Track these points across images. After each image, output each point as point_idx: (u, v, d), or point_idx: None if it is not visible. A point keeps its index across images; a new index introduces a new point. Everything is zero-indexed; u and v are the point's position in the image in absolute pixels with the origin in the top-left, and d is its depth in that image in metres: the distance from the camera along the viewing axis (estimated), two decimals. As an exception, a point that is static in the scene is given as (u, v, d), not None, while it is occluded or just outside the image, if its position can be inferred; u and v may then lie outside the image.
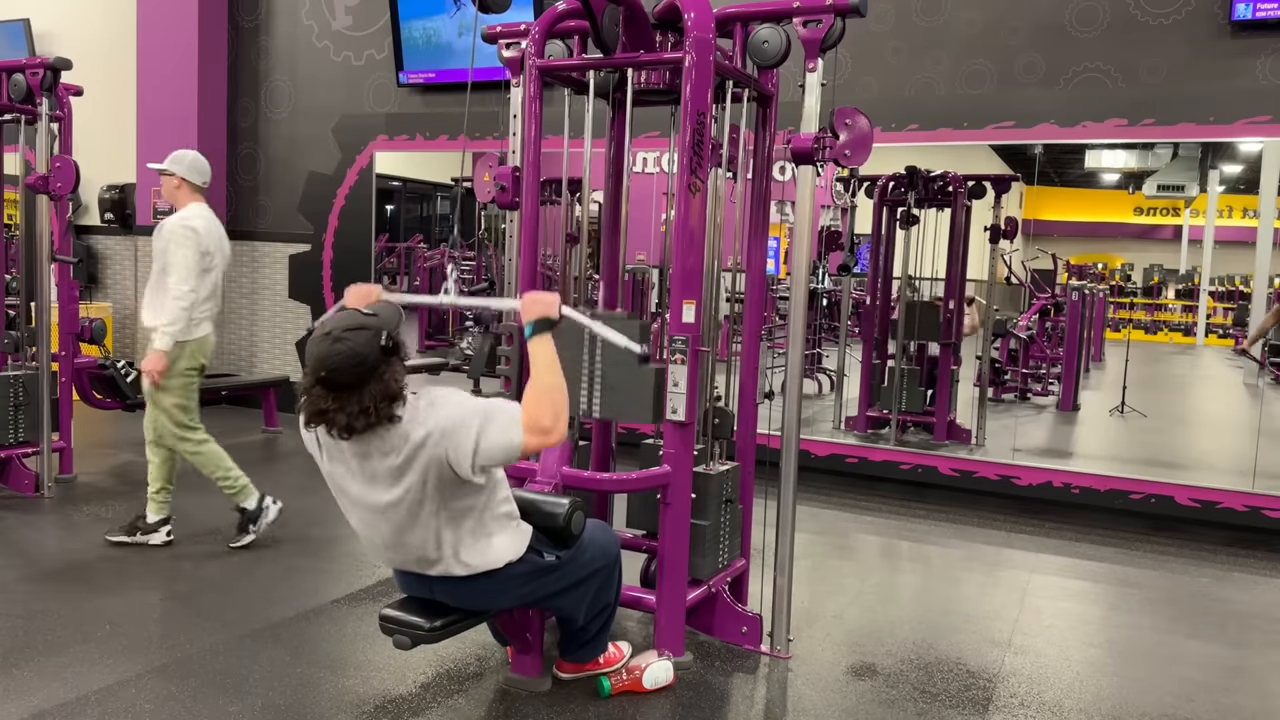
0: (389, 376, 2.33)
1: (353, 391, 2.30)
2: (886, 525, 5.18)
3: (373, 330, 2.32)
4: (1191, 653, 3.58)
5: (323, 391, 2.31)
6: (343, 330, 2.31)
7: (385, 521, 2.53)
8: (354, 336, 2.30)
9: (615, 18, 3.08)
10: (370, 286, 2.78)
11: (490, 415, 2.42)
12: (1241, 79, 5.01)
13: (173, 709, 2.81)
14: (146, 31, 7.77)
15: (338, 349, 2.28)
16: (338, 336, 2.30)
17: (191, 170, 4.38)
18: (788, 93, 3.39)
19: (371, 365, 2.30)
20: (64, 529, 4.59)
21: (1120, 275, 8.12)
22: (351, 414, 2.30)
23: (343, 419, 2.31)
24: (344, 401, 2.30)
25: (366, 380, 2.30)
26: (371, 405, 2.31)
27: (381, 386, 2.32)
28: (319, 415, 2.34)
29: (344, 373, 2.28)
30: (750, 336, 3.47)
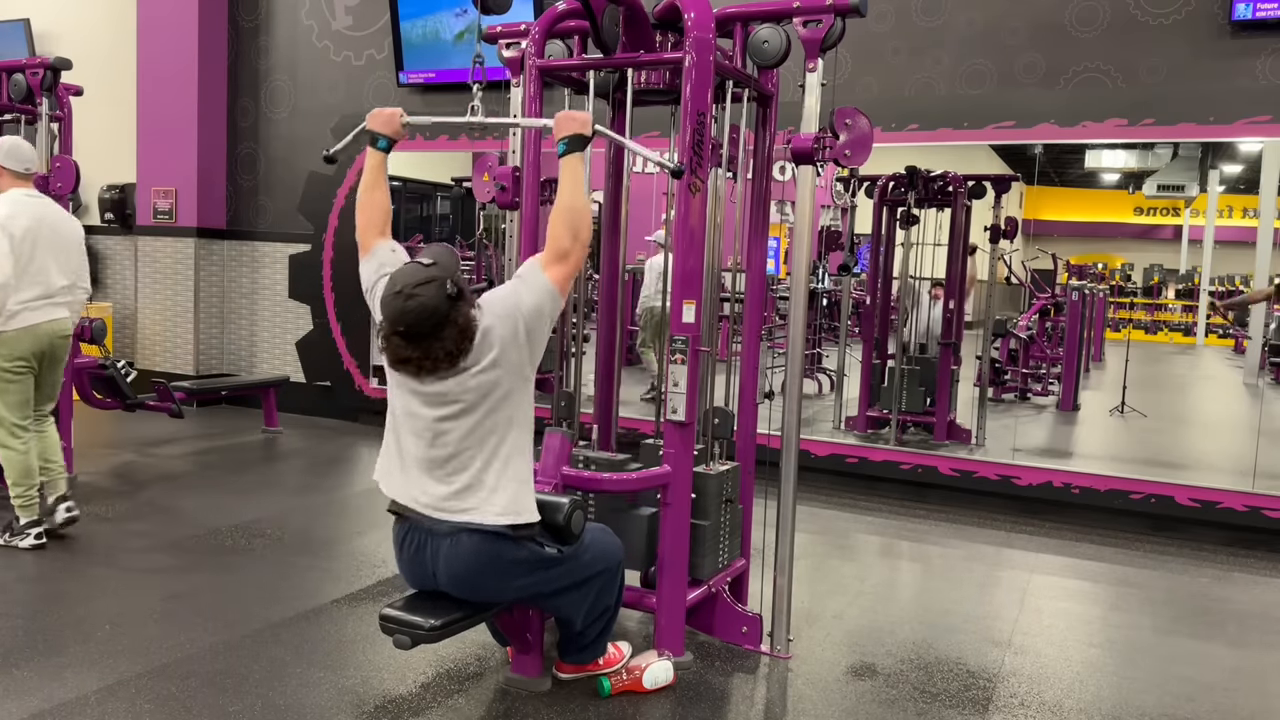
0: (461, 320, 2.48)
1: (431, 339, 2.45)
2: (886, 525, 5.18)
3: (438, 281, 2.45)
4: (1191, 653, 3.58)
5: (402, 342, 2.47)
6: (412, 287, 2.44)
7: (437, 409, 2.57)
8: (423, 291, 2.43)
9: (615, 18, 3.08)
10: (392, 109, 2.91)
11: (520, 276, 2.67)
12: (1241, 79, 5.01)
13: (173, 709, 2.81)
14: (146, 31, 7.77)
15: (410, 305, 2.43)
16: (409, 294, 2.43)
17: (9, 157, 4.19)
18: (788, 93, 3.39)
19: (444, 314, 2.44)
20: (64, 529, 4.58)
21: (1120, 275, 8.13)
22: (436, 358, 2.47)
23: (428, 364, 2.48)
24: (426, 348, 2.46)
25: (442, 328, 2.45)
26: (453, 346, 2.47)
27: (456, 330, 2.47)
28: (403, 363, 2.51)
29: (421, 326, 2.44)
30: (750, 336, 3.48)
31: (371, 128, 2.91)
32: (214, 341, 8.00)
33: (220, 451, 6.40)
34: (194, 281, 7.83)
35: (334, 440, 6.89)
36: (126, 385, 5.94)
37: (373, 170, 2.91)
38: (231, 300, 8.00)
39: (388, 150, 2.92)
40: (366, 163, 2.92)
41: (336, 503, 5.40)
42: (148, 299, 8.05)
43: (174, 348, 7.97)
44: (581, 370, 3.57)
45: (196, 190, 7.73)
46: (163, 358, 8.00)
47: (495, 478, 2.61)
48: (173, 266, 7.89)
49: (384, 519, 2.82)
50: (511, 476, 2.63)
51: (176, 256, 7.87)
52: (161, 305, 7.98)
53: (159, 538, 4.43)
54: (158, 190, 7.84)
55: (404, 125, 2.91)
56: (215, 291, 7.97)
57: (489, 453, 2.61)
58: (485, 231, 7.47)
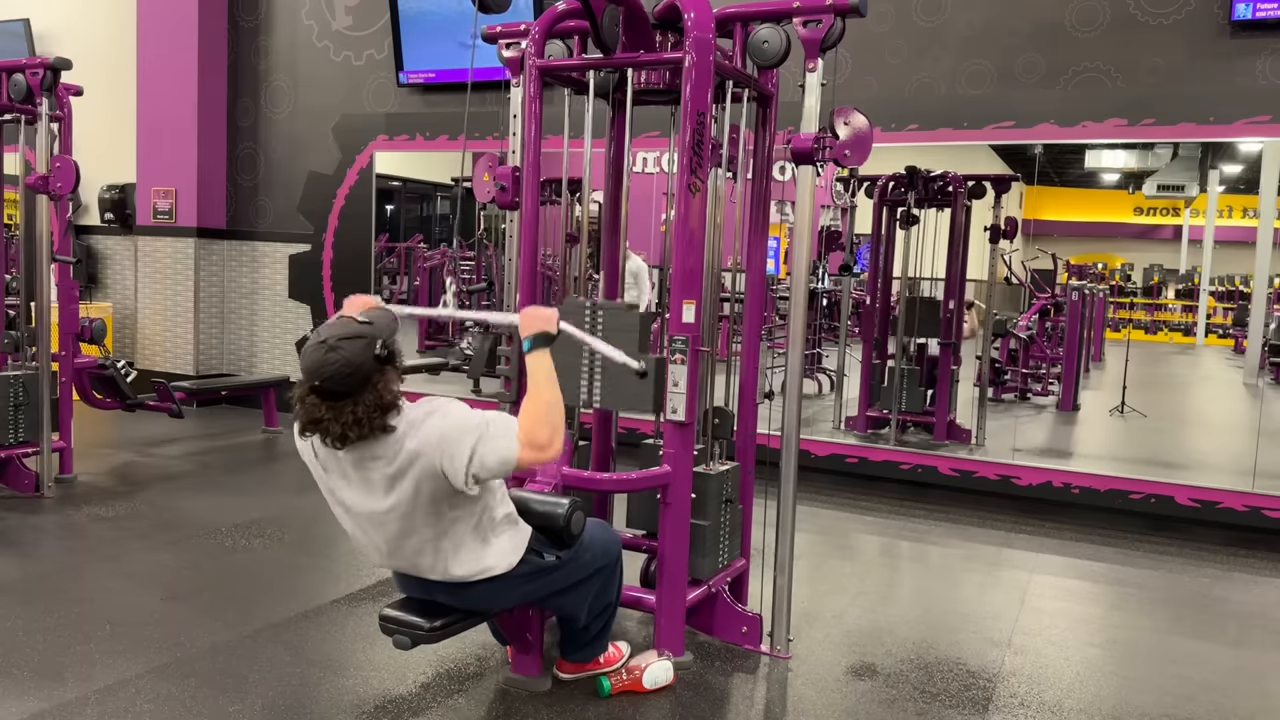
0: (383, 386, 2.32)
1: (347, 400, 2.28)
2: (886, 525, 5.18)
3: (367, 339, 2.30)
4: (1191, 653, 3.58)
5: (317, 400, 2.30)
6: (337, 339, 2.29)
7: (381, 529, 2.51)
8: (348, 345, 2.28)
9: (615, 18, 3.08)
10: (368, 298, 2.78)
11: (486, 428, 2.40)
12: (1241, 79, 5.01)
13: (173, 709, 2.81)
14: (147, 31, 7.77)
15: (332, 358, 2.26)
16: (332, 345, 2.28)
17: None
18: (788, 93, 3.39)
19: (365, 374, 2.28)
20: (64, 529, 4.59)
21: (1120, 275, 8.13)
22: (346, 423, 2.29)
23: (337, 428, 2.30)
24: (338, 411, 2.29)
25: (361, 389, 2.28)
26: (365, 415, 2.29)
27: (375, 396, 2.30)
28: (313, 424, 2.33)
29: (338, 381, 2.27)
30: (750, 336, 3.47)
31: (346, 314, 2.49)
32: (214, 341, 8.00)
33: (220, 451, 6.40)
34: (194, 281, 7.83)
35: (334, 440, 6.88)
36: (126, 385, 5.94)
37: None
38: (231, 300, 8.00)
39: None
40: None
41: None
42: (148, 299, 8.05)
43: (174, 348, 7.97)
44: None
45: (196, 190, 7.72)
46: (163, 358, 8.00)
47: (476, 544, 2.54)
48: (173, 266, 7.89)
49: (384, 519, 2.81)
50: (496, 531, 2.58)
51: (176, 256, 7.86)
52: (161, 305, 7.98)
53: (159, 538, 4.43)
54: (158, 190, 7.84)
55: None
56: (215, 291, 7.97)
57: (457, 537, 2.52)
58: (485, 231, 7.47)
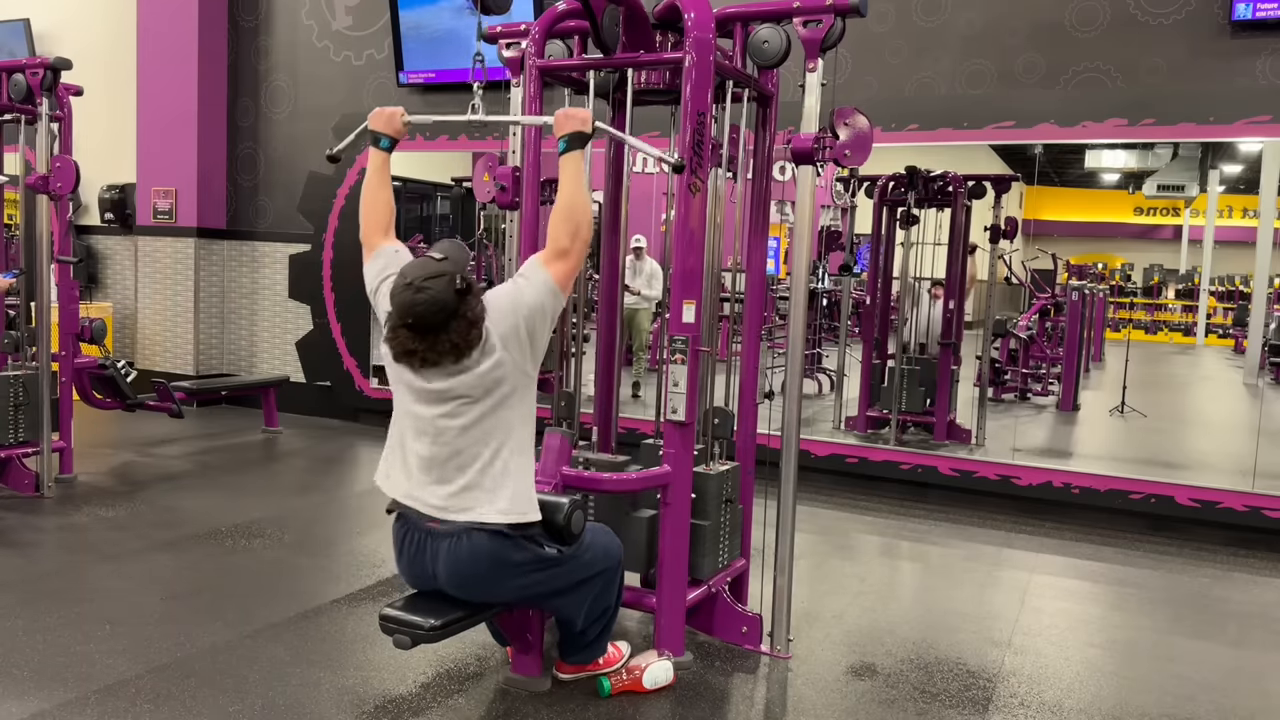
0: (469, 314, 2.49)
1: (439, 332, 2.47)
2: (886, 525, 5.18)
3: (448, 275, 2.47)
4: (1191, 653, 3.58)
5: (409, 334, 2.49)
6: (422, 280, 2.46)
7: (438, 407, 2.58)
8: (433, 284, 2.45)
9: (615, 18, 3.08)
10: (394, 109, 2.91)
11: (521, 274, 2.68)
12: (1241, 79, 5.01)
13: (173, 709, 2.81)
14: (147, 31, 7.77)
15: (420, 298, 2.44)
16: (419, 286, 2.45)
17: None
18: (788, 93, 3.39)
19: (452, 308, 2.46)
20: (64, 529, 4.59)
21: (1120, 275, 8.13)
22: (441, 351, 2.48)
23: (433, 356, 2.49)
24: (432, 341, 2.48)
25: (450, 321, 2.47)
26: (460, 340, 2.49)
27: (464, 324, 2.48)
28: (407, 355, 2.51)
29: (429, 318, 2.45)
30: (750, 336, 3.47)
31: (373, 127, 2.91)
32: (214, 341, 8.00)
33: (220, 451, 6.40)
34: (194, 281, 7.83)
35: (334, 440, 6.89)
36: (126, 385, 5.94)
37: (376, 170, 2.91)
38: (231, 300, 8.00)
39: (390, 150, 2.91)
40: (369, 163, 2.91)
41: (336, 503, 5.41)
42: (148, 299, 8.05)
43: (174, 348, 7.97)
44: (581, 370, 3.57)
45: (196, 190, 7.73)
46: (163, 358, 8.00)
47: (497, 477, 2.60)
48: (173, 266, 7.89)
49: (384, 519, 2.82)
50: (513, 476, 2.62)
51: (176, 256, 7.87)
52: (161, 305, 7.98)
53: (159, 538, 4.43)
54: (158, 190, 7.84)
55: (405, 124, 2.90)
56: (215, 291, 7.97)
57: (491, 452, 2.60)
58: (485, 231, 7.47)
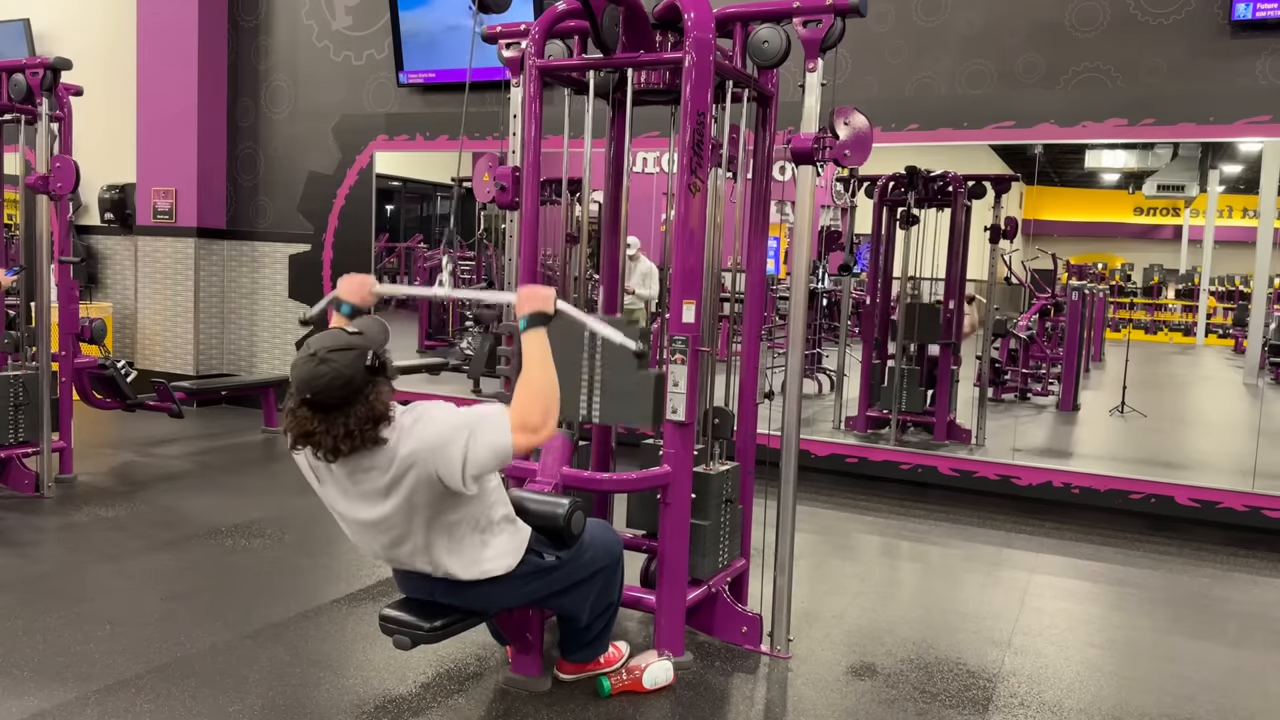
0: (374, 398, 2.30)
1: (338, 413, 2.26)
2: (886, 525, 5.18)
3: (358, 350, 2.28)
4: (1191, 653, 3.58)
5: (308, 413, 2.28)
6: (328, 351, 2.27)
7: (380, 536, 2.52)
8: (339, 358, 2.25)
9: (615, 18, 3.08)
10: (363, 277, 2.80)
11: (477, 423, 2.38)
12: (1241, 79, 5.01)
13: (173, 709, 2.81)
14: (146, 31, 7.77)
15: (322, 370, 2.24)
16: (323, 358, 2.25)
17: None
18: (788, 93, 3.39)
19: (357, 387, 2.26)
20: (64, 529, 4.59)
21: (1120, 275, 8.13)
22: (337, 436, 2.27)
23: (329, 441, 2.28)
24: (329, 424, 2.27)
25: (352, 402, 2.26)
26: (357, 428, 2.27)
27: (367, 408, 2.28)
28: (305, 437, 2.31)
29: (329, 394, 2.25)
30: (750, 336, 3.47)
31: (341, 295, 2.77)
32: (214, 341, 8.00)
33: (220, 451, 6.40)
34: (194, 281, 7.83)
35: (334, 440, 6.87)
36: (126, 385, 5.94)
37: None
38: (231, 300, 8.00)
39: (351, 316, 2.76)
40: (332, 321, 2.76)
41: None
42: (148, 299, 8.05)
43: (174, 348, 7.96)
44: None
45: (196, 190, 7.72)
46: (163, 358, 8.00)
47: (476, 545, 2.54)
48: (173, 266, 7.89)
49: (384, 519, 2.81)
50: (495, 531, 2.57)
51: (176, 256, 7.86)
52: (161, 305, 7.98)
53: (159, 538, 4.43)
54: (158, 190, 7.84)
55: (373, 294, 2.81)
56: (215, 291, 7.97)
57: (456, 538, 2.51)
58: (485, 231, 7.47)
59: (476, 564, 2.56)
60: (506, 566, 2.59)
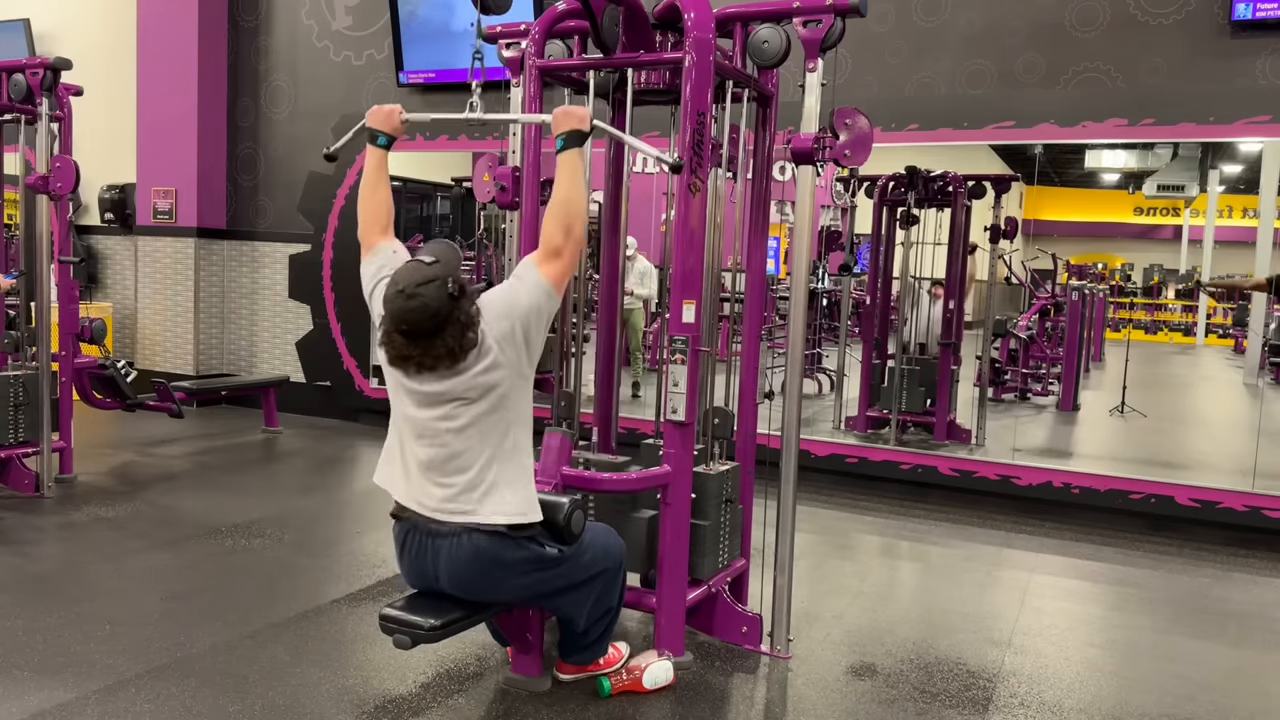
0: (463, 318, 2.48)
1: (433, 338, 2.46)
2: (886, 525, 5.18)
3: (439, 280, 2.45)
4: (1191, 653, 3.58)
5: (404, 340, 2.48)
6: (414, 286, 2.44)
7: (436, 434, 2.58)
8: (425, 290, 2.43)
9: (615, 18, 3.08)
10: (391, 106, 2.91)
11: (516, 276, 2.68)
12: (1241, 79, 5.01)
13: (173, 709, 2.81)
14: (146, 31, 7.77)
15: (413, 304, 2.43)
16: (410, 293, 2.43)
17: None
18: (788, 93, 3.39)
19: (446, 313, 2.45)
20: (64, 529, 4.59)
21: (1120, 275, 8.14)
22: (437, 356, 2.47)
23: (429, 361, 2.48)
24: (427, 346, 2.47)
25: (444, 327, 2.45)
26: (455, 344, 2.47)
27: (458, 329, 2.47)
28: (403, 360, 2.51)
29: (423, 325, 2.44)
30: (750, 336, 3.47)
31: (371, 125, 2.90)
32: (214, 341, 8.00)
33: (220, 451, 6.40)
34: (194, 281, 7.83)
35: (334, 440, 6.89)
36: (126, 385, 5.94)
37: (374, 168, 2.91)
38: (231, 300, 8.00)
39: (388, 148, 2.91)
40: (367, 161, 2.91)
41: (336, 503, 5.41)
42: (148, 299, 8.05)
43: (174, 348, 7.97)
44: (581, 370, 3.57)
45: (196, 190, 7.73)
46: (163, 358, 8.00)
47: (495, 478, 2.60)
48: (173, 266, 7.89)
49: (384, 519, 2.82)
50: (512, 476, 2.62)
51: (176, 256, 7.87)
52: (161, 305, 7.98)
53: (159, 538, 4.43)
54: (158, 190, 7.84)
55: (403, 121, 2.90)
56: (215, 291, 7.97)
57: (489, 453, 2.60)
58: (485, 231, 7.47)
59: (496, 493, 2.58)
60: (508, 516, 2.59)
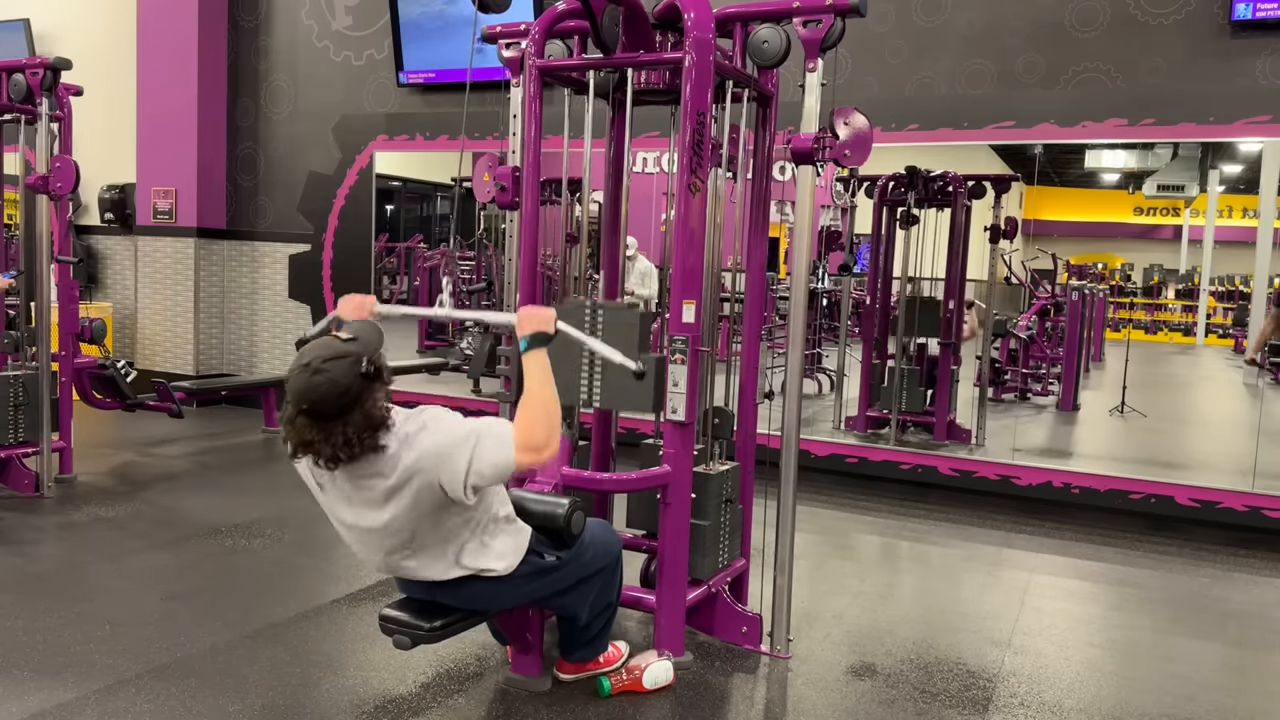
0: (371, 405, 2.29)
1: (336, 421, 2.26)
2: (886, 525, 5.18)
3: (352, 357, 2.27)
4: (1191, 653, 3.58)
5: (307, 422, 2.27)
6: (322, 361, 2.25)
7: (381, 543, 2.52)
8: (333, 366, 2.24)
9: (615, 18, 3.08)
10: (363, 297, 2.80)
11: (481, 437, 2.39)
12: (1241, 79, 5.01)
13: (173, 709, 2.81)
14: (146, 31, 7.77)
15: (317, 381, 2.23)
16: (316, 368, 2.24)
17: None
18: (788, 93, 3.39)
19: (354, 395, 2.26)
20: (64, 529, 4.59)
21: (1120, 275, 8.13)
22: (336, 444, 2.27)
23: (328, 450, 2.28)
24: (328, 432, 2.26)
25: (349, 410, 2.26)
26: (355, 435, 2.27)
27: (364, 416, 2.28)
28: (304, 446, 2.30)
29: (326, 404, 2.24)
30: (750, 336, 3.47)
31: (342, 315, 2.77)
32: (214, 341, 8.00)
33: (220, 451, 6.40)
34: (194, 281, 7.83)
35: (334, 440, 6.87)
36: (126, 385, 5.94)
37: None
38: (231, 300, 8.00)
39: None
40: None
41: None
42: (148, 299, 8.05)
43: (174, 348, 7.97)
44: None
45: (196, 190, 7.72)
46: (163, 358, 8.00)
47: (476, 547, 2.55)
48: (173, 266, 7.89)
49: (384, 519, 2.81)
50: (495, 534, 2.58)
51: (176, 256, 7.86)
52: (161, 305, 7.98)
53: (159, 538, 4.43)
54: (158, 190, 7.84)
55: (374, 314, 2.80)
56: (215, 291, 7.97)
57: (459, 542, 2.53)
58: (485, 231, 7.47)
59: (477, 564, 2.57)
60: (507, 567, 2.59)
